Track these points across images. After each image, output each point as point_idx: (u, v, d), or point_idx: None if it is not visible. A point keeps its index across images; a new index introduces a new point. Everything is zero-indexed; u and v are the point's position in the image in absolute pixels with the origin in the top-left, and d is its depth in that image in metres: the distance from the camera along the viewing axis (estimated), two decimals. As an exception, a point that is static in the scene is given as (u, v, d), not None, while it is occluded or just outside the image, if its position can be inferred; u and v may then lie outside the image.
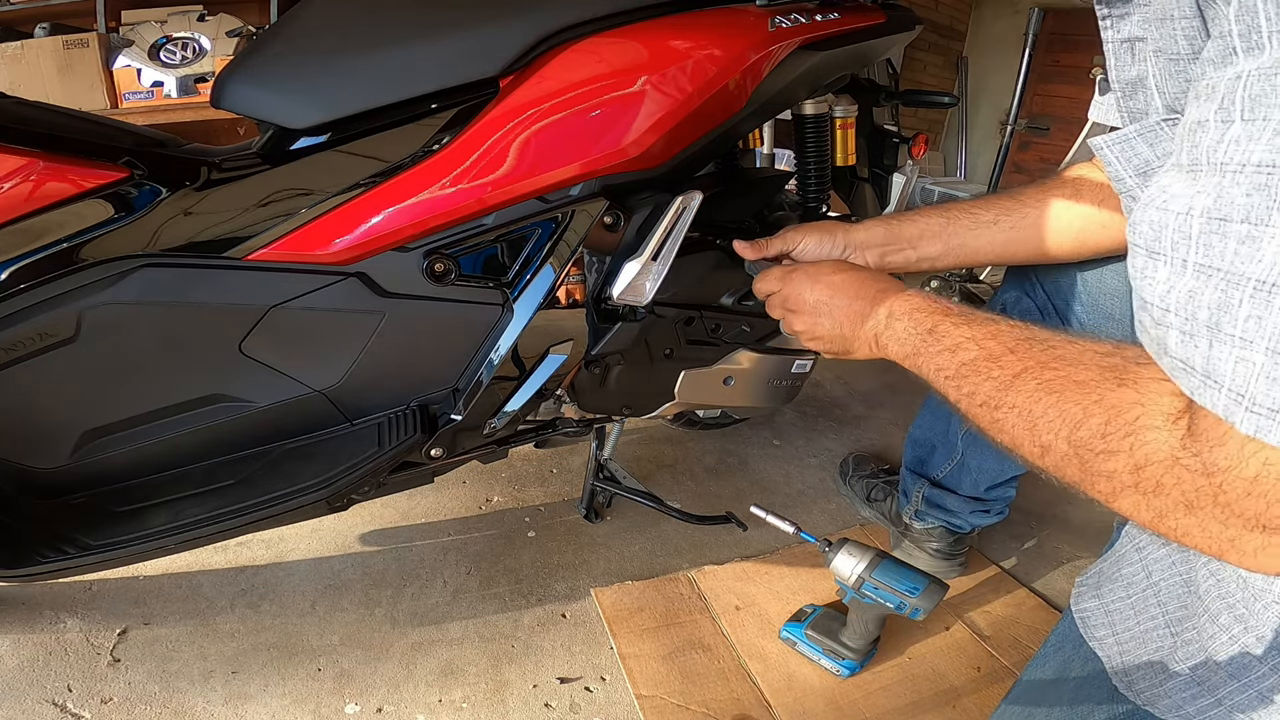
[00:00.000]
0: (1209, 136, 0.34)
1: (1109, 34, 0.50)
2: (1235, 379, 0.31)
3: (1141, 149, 0.48)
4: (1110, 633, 0.60)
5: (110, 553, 0.80)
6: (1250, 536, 0.34)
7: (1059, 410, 0.42)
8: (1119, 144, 0.50)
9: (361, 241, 0.78)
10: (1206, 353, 0.33)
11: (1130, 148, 0.49)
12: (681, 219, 0.88)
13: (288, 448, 0.88)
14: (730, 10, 0.88)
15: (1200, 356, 0.33)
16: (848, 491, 1.40)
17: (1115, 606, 0.60)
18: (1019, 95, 2.44)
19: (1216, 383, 0.32)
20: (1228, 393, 0.32)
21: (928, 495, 1.15)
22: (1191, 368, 0.34)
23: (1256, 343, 0.30)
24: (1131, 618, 0.59)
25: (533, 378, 0.90)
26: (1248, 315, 0.31)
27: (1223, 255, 0.32)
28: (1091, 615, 0.62)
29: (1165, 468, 0.36)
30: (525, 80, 0.79)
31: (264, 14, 2.27)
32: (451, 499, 1.33)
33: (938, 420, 1.13)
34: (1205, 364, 0.33)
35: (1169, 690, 0.53)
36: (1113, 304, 0.82)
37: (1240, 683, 0.48)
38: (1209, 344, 0.33)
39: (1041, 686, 0.67)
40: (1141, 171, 0.49)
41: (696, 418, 1.53)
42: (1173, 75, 0.44)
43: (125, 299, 0.73)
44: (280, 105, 0.77)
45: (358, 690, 0.94)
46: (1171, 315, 0.35)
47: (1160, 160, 0.47)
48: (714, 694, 0.95)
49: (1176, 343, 0.35)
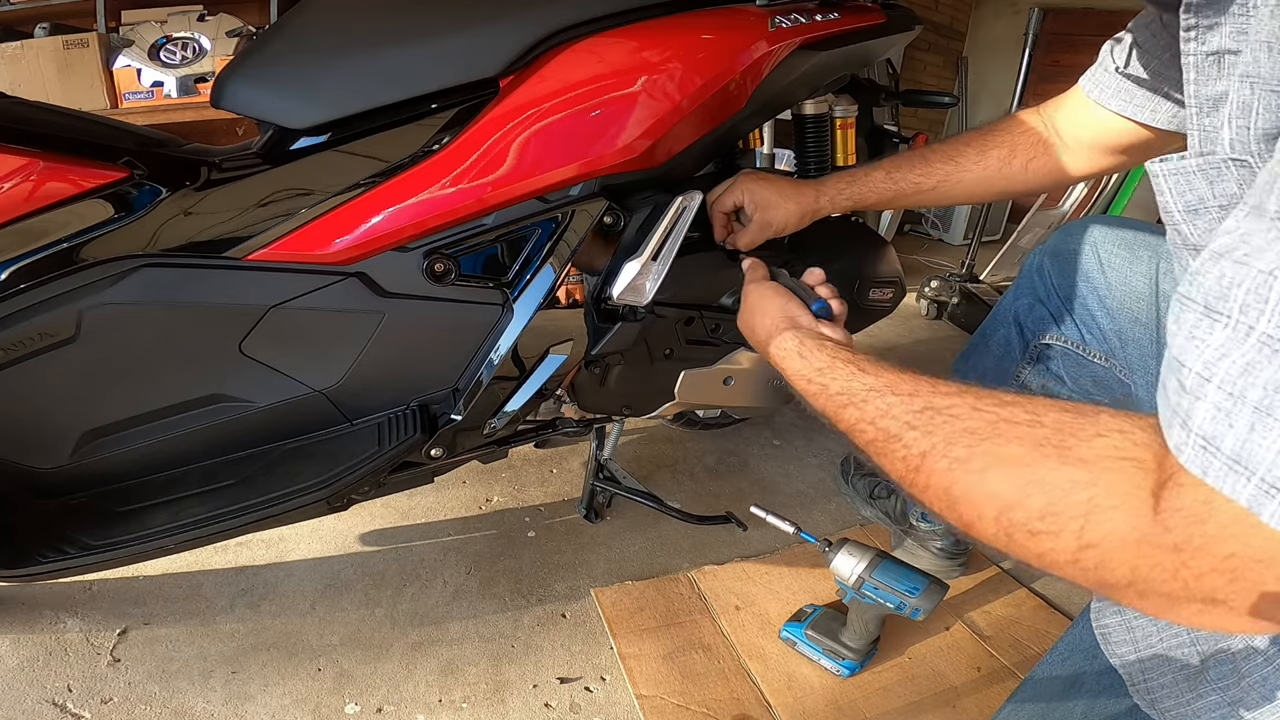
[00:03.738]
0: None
1: (1193, 46, 0.45)
2: (1274, 468, 0.28)
3: (1200, 186, 0.44)
4: (1133, 650, 0.59)
5: (110, 553, 0.80)
6: (1192, 608, 0.32)
7: (984, 489, 0.38)
8: (1176, 175, 0.46)
9: (361, 241, 0.78)
10: (1245, 436, 0.29)
11: (1187, 181, 0.45)
12: (681, 219, 0.88)
13: (288, 448, 0.88)
14: (730, 10, 0.88)
15: (1234, 439, 0.29)
16: (849, 491, 1.40)
17: (1138, 623, 0.59)
18: (1019, 95, 2.44)
19: (1248, 470, 0.29)
20: (1259, 482, 0.28)
21: None
22: (1217, 449, 0.30)
23: None
24: (1154, 634, 0.58)
25: (533, 378, 0.90)
26: None
27: None
28: (1114, 631, 0.62)
29: (1119, 548, 0.33)
30: (525, 80, 0.79)
31: (264, 14, 2.27)
32: (451, 499, 1.33)
33: None
34: (1238, 448, 0.29)
35: (1198, 710, 0.52)
36: (1138, 307, 0.82)
37: (1274, 705, 0.47)
38: (1249, 427, 0.29)
39: (1053, 691, 0.67)
40: (1193, 209, 0.46)
41: (696, 418, 1.53)
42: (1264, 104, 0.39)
43: (125, 299, 0.73)
44: (280, 105, 0.77)
45: (358, 690, 0.94)
46: (1212, 387, 0.31)
47: (1217, 200, 0.44)
48: (714, 694, 0.95)
49: (1207, 418, 0.31)
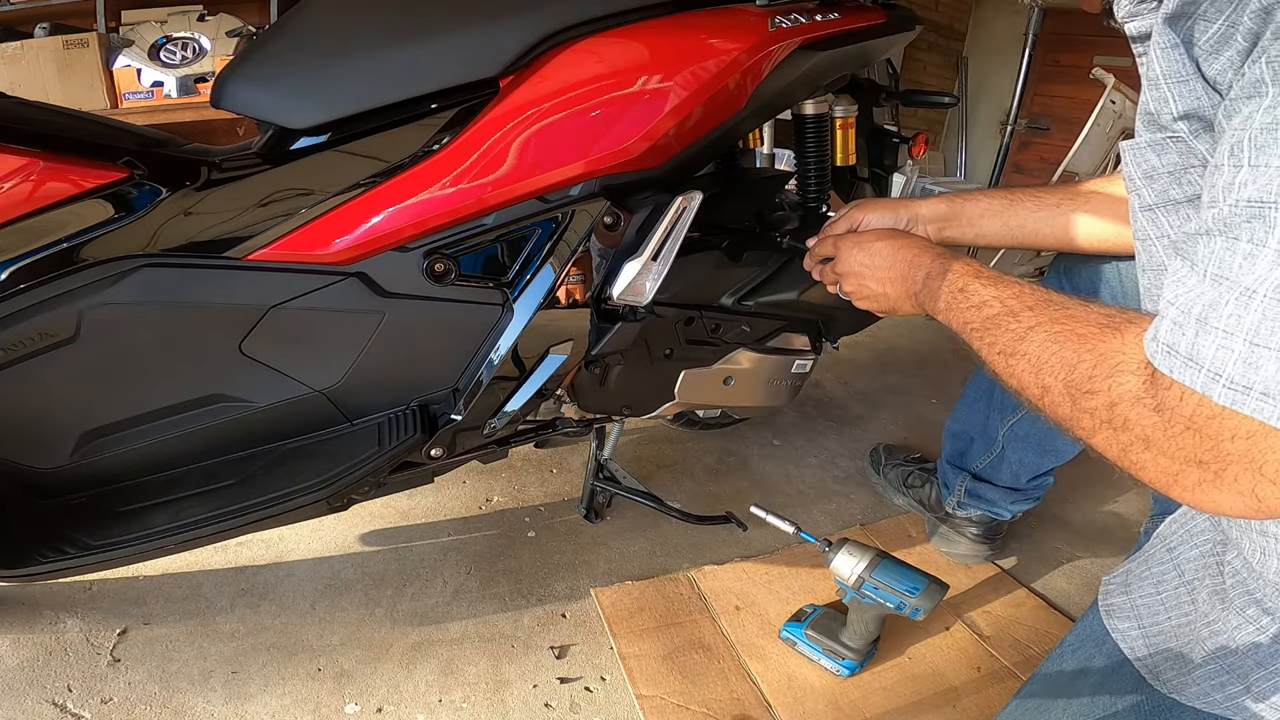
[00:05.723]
0: (1222, 178, 0.40)
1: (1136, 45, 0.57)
2: (1214, 362, 0.39)
3: (1151, 158, 0.54)
4: (1136, 625, 0.64)
5: (110, 553, 0.80)
6: (1189, 471, 0.41)
7: (1060, 357, 0.50)
8: (1133, 150, 0.56)
9: (362, 241, 0.78)
10: (1193, 340, 0.40)
11: (1142, 154, 0.55)
12: (681, 219, 0.88)
13: (288, 448, 0.88)
14: (730, 10, 0.88)
15: (1185, 343, 0.40)
16: (880, 481, 1.42)
17: (1143, 602, 0.65)
18: (1019, 95, 2.44)
19: (1198, 364, 0.39)
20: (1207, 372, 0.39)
21: (970, 488, 1.18)
22: (1174, 350, 0.41)
23: (1235, 333, 0.38)
24: (1161, 612, 0.63)
25: (533, 378, 0.90)
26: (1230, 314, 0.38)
27: (1230, 266, 0.39)
28: (1118, 609, 0.67)
29: (1130, 405, 0.44)
30: (525, 80, 0.79)
31: (264, 14, 2.27)
32: (451, 499, 1.33)
33: (975, 413, 1.16)
34: (1189, 349, 0.40)
35: (1197, 679, 0.57)
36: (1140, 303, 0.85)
37: (1266, 670, 0.52)
38: (1195, 334, 0.40)
39: (1060, 681, 0.69)
40: (1148, 176, 0.55)
41: (696, 418, 1.53)
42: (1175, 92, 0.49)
43: (125, 299, 0.73)
44: (280, 105, 0.77)
45: (358, 690, 0.94)
46: (1173, 309, 0.42)
47: (1165, 167, 0.53)
48: (714, 694, 0.95)
49: (1165, 329, 0.42)
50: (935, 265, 0.72)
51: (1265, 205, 0.37)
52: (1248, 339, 0.37)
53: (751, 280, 1.05)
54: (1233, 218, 0.39)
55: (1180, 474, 0.42)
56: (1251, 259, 0.37)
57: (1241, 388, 0.37)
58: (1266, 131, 0.38)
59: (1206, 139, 0.48)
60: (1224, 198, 0.40)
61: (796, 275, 1.02)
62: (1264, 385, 0.36)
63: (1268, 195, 0.37)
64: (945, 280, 0.69)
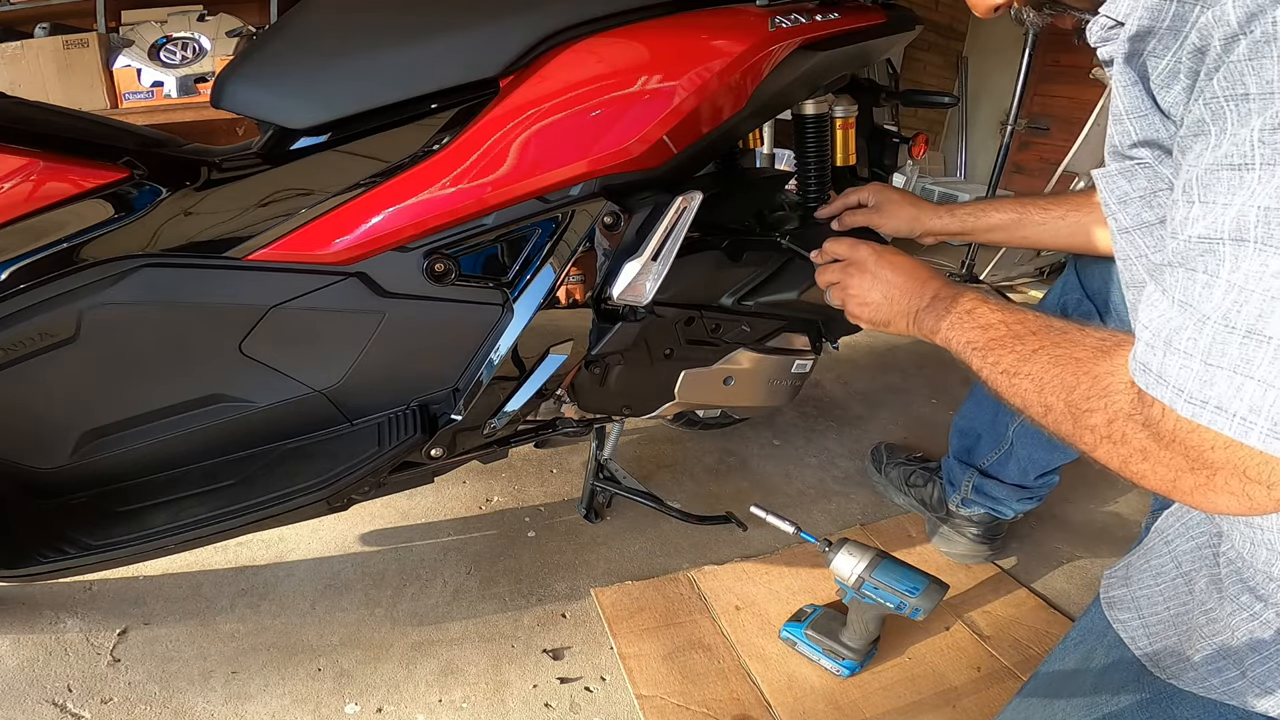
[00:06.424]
0: (1179, 213, 0.44)
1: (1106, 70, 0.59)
2: (1179, 380, 0.42)
3: (1122, 184, 0.58)
4: (1136, 615, 0.67)
5: (110, 553, 0.80)
6: (1185, 478, 0.44)
7: (1060, 379, 0.54)
8: (1105, 177, 0.60)
9: (362, 241, 0.78)
10: (1162, 359, 0.43)
11: (1114, 181, 0.59)
12: (682, 219, 0.88)
13: (288, 448, 0.88)
14: (730, 10, 0.88)
15: (1156, 362, 0.44)
16: (881, 480, 1.42)
17: (1143, 593, 0.68)
18: (1019, 95, 2.44)
19: (1164, 380, 0.43)
20: (1173, 388, 0.43)
21: (976, 484, 1.18)
22: (1147, 368, 0.45)
23: (1194, 354, 0.42)
24: (1160, 602, 0.66)
25: (533, 378, 0.90)
26: (1190, 337, 0.42)
27: (1192, 294, 0.43)
28: (1119, 601, 0.70)
29: (1124, 421, 0.48)
30: (525, 80, 0.79)
31: (264, 14, 2.27)
32: (451, 499, 1.33)
33: (983, 410, 1.17)
34: (1159, 367, 0.44)
35: (1195, 665, 0.59)
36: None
37: (1261, 655, 0.54)
38: (1164, 354, 0.44)
39: (1062, 677, 0.71)
40: (1121, 200, 0.59)
41: (696, 418, 1.53)
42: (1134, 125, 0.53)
43: (125, 299, 0.73)
44: (280, 105, 0.77)
45: (358, 690, 0.94)
46: (1146, 332, 0.45)
47: (1136, 191, 0.58)
48: (714, 694, 0.95)
49: (1141, 348, 0.46)
50: (945, 290, 0.76)
51: (1214, 241, 0.41)
52: (1203, 359, 0.41)
53: (751, 280, 1.05)
54: (1188, 251, 0.43)
55: (1177, 481, 0.45)
56: (1208, 288, 0.41)
57: (1199, 402, 0.41)
58: (1210, 172, 0.41)
59: (1170, 164, 0.52)
60: (1181, 231, 0.44)
61: (796, 275, 1.02)
62: (1217, 400, 0.40)
63: (1215, 231, 0.41)
64: (955, 303, 0.72)
